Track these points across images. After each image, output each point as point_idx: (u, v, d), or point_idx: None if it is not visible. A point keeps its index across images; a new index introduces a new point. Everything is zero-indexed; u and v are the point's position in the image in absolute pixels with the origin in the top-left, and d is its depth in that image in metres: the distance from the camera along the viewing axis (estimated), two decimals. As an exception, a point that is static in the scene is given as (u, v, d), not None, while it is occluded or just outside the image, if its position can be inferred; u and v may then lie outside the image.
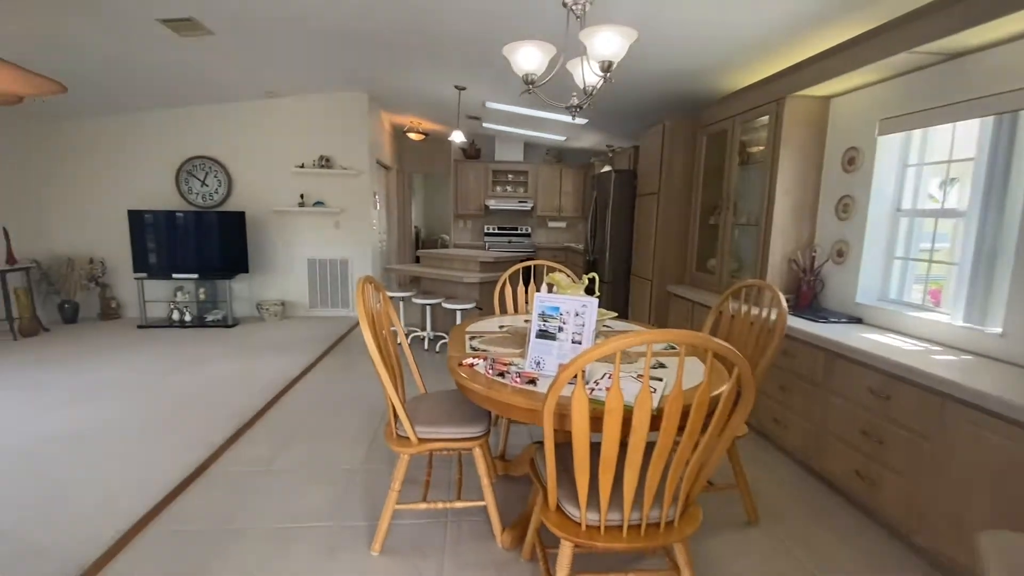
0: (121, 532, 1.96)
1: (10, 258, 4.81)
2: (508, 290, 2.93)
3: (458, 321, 4.56)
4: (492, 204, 7.92)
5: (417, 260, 9.06)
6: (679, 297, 4.00)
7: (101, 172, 5.63)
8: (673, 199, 4.27)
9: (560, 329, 1.64)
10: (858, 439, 2.16)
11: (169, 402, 3.28)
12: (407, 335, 5.06)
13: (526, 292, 2.98)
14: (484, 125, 6.80)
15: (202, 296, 5.68)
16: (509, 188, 8.10)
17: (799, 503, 2.30)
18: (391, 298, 4.93)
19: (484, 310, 4.74)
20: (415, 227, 10.35)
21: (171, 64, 4.17)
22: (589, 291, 2.03)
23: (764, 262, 3.16)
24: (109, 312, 5.67)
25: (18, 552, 1.83)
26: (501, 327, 2.38)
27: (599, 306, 1.65)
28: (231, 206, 5.80)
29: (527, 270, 5.15)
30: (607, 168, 6.30)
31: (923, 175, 2.61)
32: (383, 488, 2.33)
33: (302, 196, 5.88)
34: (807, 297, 3.01)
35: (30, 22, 3.16)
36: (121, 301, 5.78)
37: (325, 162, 5.85)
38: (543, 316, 1.66)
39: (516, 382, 1.55)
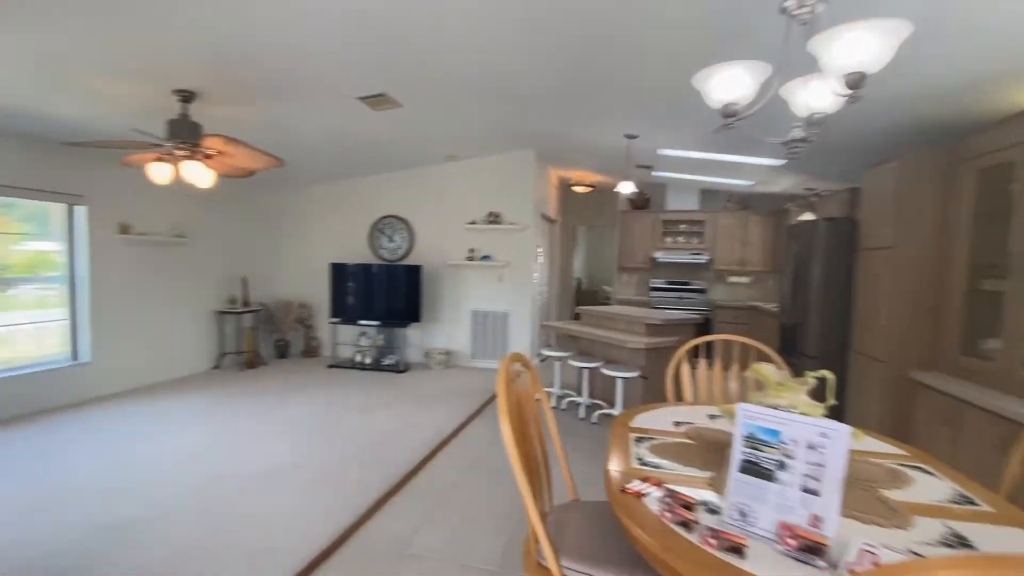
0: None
1: (246, 302, 5.87)
2: (684, 368, 2.37)
3: (619, 391, 4.04)
4: (660, 256, 7.27)
5: (576, 317, 8.76)
6: (931, 389, 2.89)
7: (314, 230, 6.67)
8: (917, 255, 3.20)
9: (781, 465, 1.08)
10: None
11: (338, 449, 3.43)
12: (562, 398, 4.70)
13: (709, 371, 2.38)
14: (654, 174, 6.34)
15: (380, 342, 6.18)
16: (681, 239, 7.36)
17: None
18: (547, 357, 4.65)
19: (650, 380, 4.14)
20: (576, 278, 10.16)
21: (369, 138, 4.71)
22: (817, 396, 1.41)
23: (1108, 355, 2.04)
24: (310, 350, 6.53)
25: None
26: (677, 424, 1.85)
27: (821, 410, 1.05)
28: (411, 260, 6.30)
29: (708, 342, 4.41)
30: (809, 215, 5.27)
31: None
32: (521, 607, 1.93)
33: (471, 250, 6.11)
34: None
35: (261, 109, 3.81)
36: (321, 341, 6.63)
37: (494, 218, 6.02)
38: (751, 441, 1.13)
39: (710, 544, 1.03)
